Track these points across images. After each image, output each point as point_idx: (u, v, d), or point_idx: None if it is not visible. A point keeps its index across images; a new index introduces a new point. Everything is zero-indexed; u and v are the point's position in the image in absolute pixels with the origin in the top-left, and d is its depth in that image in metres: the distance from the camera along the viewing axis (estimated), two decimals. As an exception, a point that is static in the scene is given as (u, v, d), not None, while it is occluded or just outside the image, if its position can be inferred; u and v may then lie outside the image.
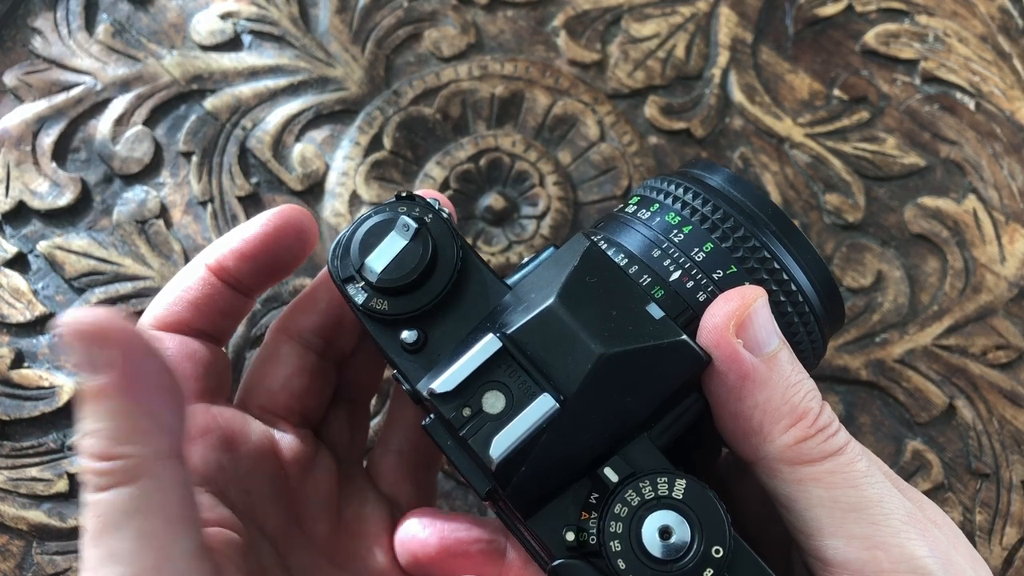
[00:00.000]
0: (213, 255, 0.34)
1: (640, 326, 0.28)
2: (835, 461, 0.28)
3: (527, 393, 0.27)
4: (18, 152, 0.51)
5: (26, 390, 0.47)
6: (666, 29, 0.54)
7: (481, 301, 0.30)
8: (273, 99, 0.52)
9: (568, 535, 0.27)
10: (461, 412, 0.28)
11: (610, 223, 0.33)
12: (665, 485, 0.27)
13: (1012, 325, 0.49)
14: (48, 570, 0.45)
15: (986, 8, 0.54)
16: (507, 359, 0.28)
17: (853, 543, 0.27)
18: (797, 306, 0.31)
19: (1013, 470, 0.47)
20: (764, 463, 0.29)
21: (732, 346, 0.28)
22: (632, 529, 0.27)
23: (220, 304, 0.34)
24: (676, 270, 0.31)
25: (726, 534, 0.26)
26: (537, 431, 0.27)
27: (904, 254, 0.50)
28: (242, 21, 0.53)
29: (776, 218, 0.32)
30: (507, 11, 0.54)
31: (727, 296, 0.29)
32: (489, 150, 0.51)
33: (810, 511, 0.28)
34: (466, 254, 0.31)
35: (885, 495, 0.28)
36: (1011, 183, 0.51)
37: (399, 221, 0.30)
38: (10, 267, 0.49)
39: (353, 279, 0.31)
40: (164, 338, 0.34)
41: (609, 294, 0.29)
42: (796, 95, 0.53)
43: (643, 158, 0.51)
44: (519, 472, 0.27)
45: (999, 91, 0.53)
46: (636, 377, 0.28)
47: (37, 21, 0.53)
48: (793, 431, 0.28)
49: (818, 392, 0.29)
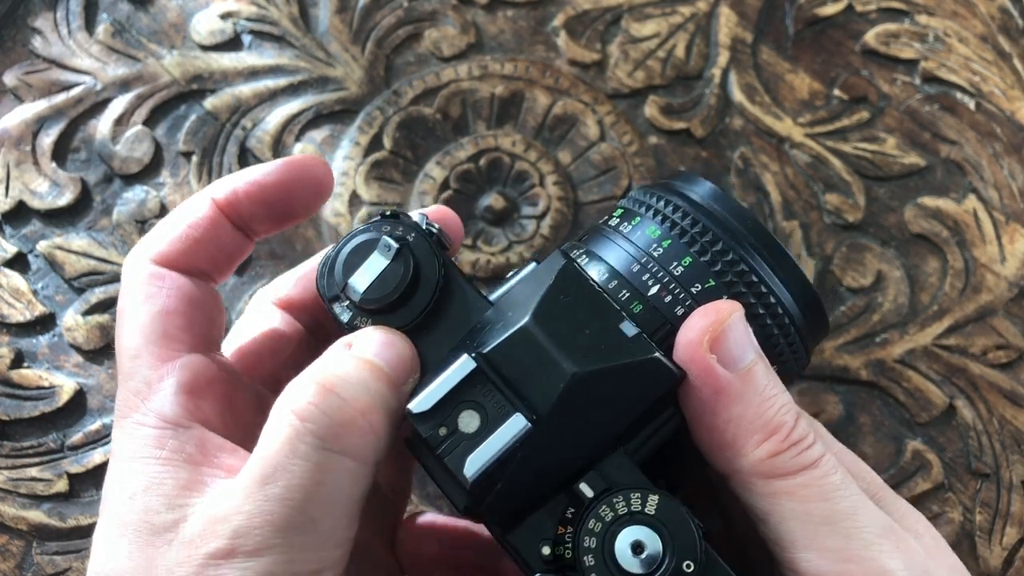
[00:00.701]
0: (223, 191, 0.32)
1: (613, 344, 0.29)
2: (808, 475, 0.28)
3: (501, 412, 0.28)
4: (18, 152, 0.51)
5: (26, 390, 0.47)
6: (666, 29, 0.54)
7: (463, 318, 0.31)
8: (273, 99, 0.52)
9: (544, 549, 0.28)
10: (438, 431, 0.28)
11: (593, 236, 0.34)
12: (638, 501, 0.27)
13: (1012, 325, 0.49)
14: (48, 570, 0.45)
15: (986, 8, 0.54)
16: (482, 379, 0.28)
17: (826, 556, 0.28)
18: (776, 318, 0.32)
19: (1013, 470, 0.47)
20: (738, 476, 0.29)
21: (706, 361, 0.28)
22: (605, 544, 0.27)
23: (224, 244, 0.33)
24: (655, 284, 0.31)
25: (697, 548, 0.27)
26: (511, 450, 0.28)
27: (904, 254, 0.50)
28: (242, 21, 0.53)
29: (755, 231, 0.32)
30: (507, 11, 0.54)
31: (703, 311, 0.29)
32: (489, 150, 0.51)
33: (783, 524, 0.28)
34: (448, 272, 0.31)
35: (860, 507, 0.28)
36: (1011, 183, 0.51)
37: (381, 241, 0.31)
38: (10, 267, 0.49)
39: (338, 298, 0.31)
40: (167, 277, 0.32)
41: (583, 312, 0.29)
42: (796, 95, 0.53)
43: (643, 158, 0.51)
44: (494, 489, 0.28)
45: (999, 91, 0.53)
46: (609, 395, 0.29)
47: (37, 21, 0.53)
48: (766, 445, 0.28)
49: (794, 406, 0.30)
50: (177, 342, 0.31)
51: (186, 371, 0.30)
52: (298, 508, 0.26)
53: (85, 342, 0.48)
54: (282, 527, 0.26)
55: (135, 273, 0.32)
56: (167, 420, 0.29)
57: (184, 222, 0.32)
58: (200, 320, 0.32)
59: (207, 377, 0.31)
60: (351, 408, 0.27)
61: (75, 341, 0.48)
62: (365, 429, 0.27)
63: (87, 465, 0.46)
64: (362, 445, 0.27)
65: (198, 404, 0.30)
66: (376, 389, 0.28)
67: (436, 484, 0.30)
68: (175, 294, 0.31)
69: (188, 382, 0.30)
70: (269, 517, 0.26)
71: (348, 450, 0.27)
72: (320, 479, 0.26)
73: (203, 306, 0.32)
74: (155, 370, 0.30)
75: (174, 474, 0.28)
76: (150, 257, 0.32)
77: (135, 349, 0.31)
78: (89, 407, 0.47)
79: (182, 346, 0.31)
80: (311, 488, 0.26)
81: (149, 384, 0.30)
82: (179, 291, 0.31)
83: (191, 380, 0.30)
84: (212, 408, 0.31)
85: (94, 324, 0.48)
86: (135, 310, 0.31)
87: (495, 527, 0.29)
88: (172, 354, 0.31)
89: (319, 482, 0.26)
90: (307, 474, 0.26)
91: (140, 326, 0.31)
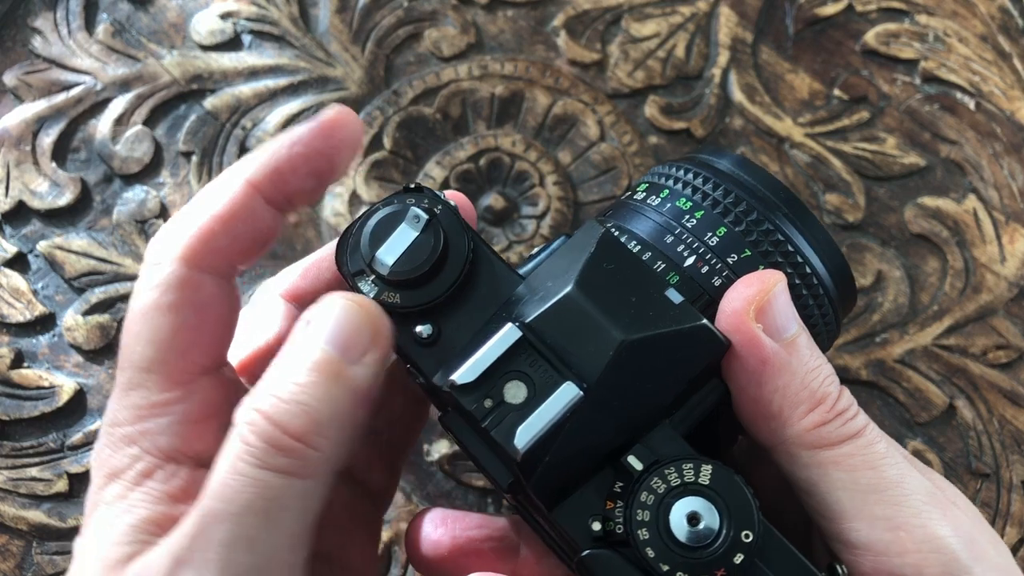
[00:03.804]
0: (261, 171, 0.29)
1: (660, 311, 0.28)
2: (854, 444, 0.28)
3: (549, 382, 0.27)
4: (18, 152, 0.51)
5: (26, 390, 0.47)
6: (666, 29, 0.54)
7: (494, 292, 0.30)
8: (273, 99, 0.52)
9: (594, 525, 0.27)
10: (482, 403, 0.27)
11: (619, 210, 0.33)
12: (691, 471, 0.27)
13: (1012, 325, 0.49)
14: (48, 570, 0.45)
15: (986, 8, 0.54)
16: (527, 348, 0.28)
17: (876, 525, 0.27)
18: (811, 288, 0.31)
19: (1013, 470, 0.47)
20: (783, 448, 0.29)
21: (752, 331, 0.28)
22: (659, 517, 0.26)
23: (259, 229, 0.29)
24: (690, 255, 0.30)
25: (754, 518, 0.26)
26: (561, 420, 0.27)
27: (904, 254, 0.50)
28: (242, 21, 0.53)
29: (788, 201, 0.31)
30: (507, 11, 0.54)
31: (747, 280, 0.29)
32: (489, 150, 0.51)
33: (831, 495, 0.28)
34: (477, 245, 0.30)
35: (906, 476, 0.28)
36: (1011, 183, 0.51)
37: (409, 212, 0.30)
38: (10, 267, 0.49)
39: (363, 273, 0.30)
40: (195, 284, 0.28)
41: (627, 280, 0.29)
42: (796, 95, 0.53)
43: (643, 158, 0.51)
44: (543, 462, 0.27)
45: (999, 91, 0.53)
46: (657, 363, 0.28)
47: (37, 21, 0.53)
48: (812, 415, 0.28)
49: (836, 376, 0.29)
50: (193, 363, 0.29)
51: (195, 400, 0.28)
52: (239, 532, 0.25)
53: (85, 342, 0.48)
54: (223, 553, 0.25)
55: (160, 272, 0.28)
56: (162, 451, 0.28)
57: (217, 211, 0.28)
58: (220, 332, 0.30)
59: (215, 404, 0.29)
60: (291, 433, 0.26)
61: (75, 341, 0.48)
62: (303, 452, 0.26)
63: (87, 465, 0.46)
64: (305, 466, 0.26)
65: (200, 434, 0.28)
66: (322, 400, 0.26)
67: (475, 461, 0.29)
68: (201, 306, 0.28)
69: (194, 412, 0.28)
70: (211, 543, 0.25)
71: (293, 470, 0.26)
72: (263, 503, 0.25)
73: (225, 314, 0.30)
74: (163, 392, 0.28)
75: (151, 508, 0.27)
76: (179, 256, 0.28)
77: (147, 361, 0.28)
78: (89, 407, 0.47)
79: (196, 368, 0.29)
80: (253, 510, 0.25)
81: (152, 407, 0.28)
82: (206, 301, 0.29)
83: (198, 410, 0.28)
84: (212, 436, 0.29)
85: (94, 324, 0.48)
86: (155, 316, 0.28)
87: (537, 505, 0.28)
88: (185, 376, 0.28)
89: (260, 508, 0.25)
90: (249, 497, 0.25)
91: (158, 337, 0.28)
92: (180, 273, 0.28)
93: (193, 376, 0.28)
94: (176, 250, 0.28)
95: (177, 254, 0.28)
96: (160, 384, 0.28)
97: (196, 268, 0.28)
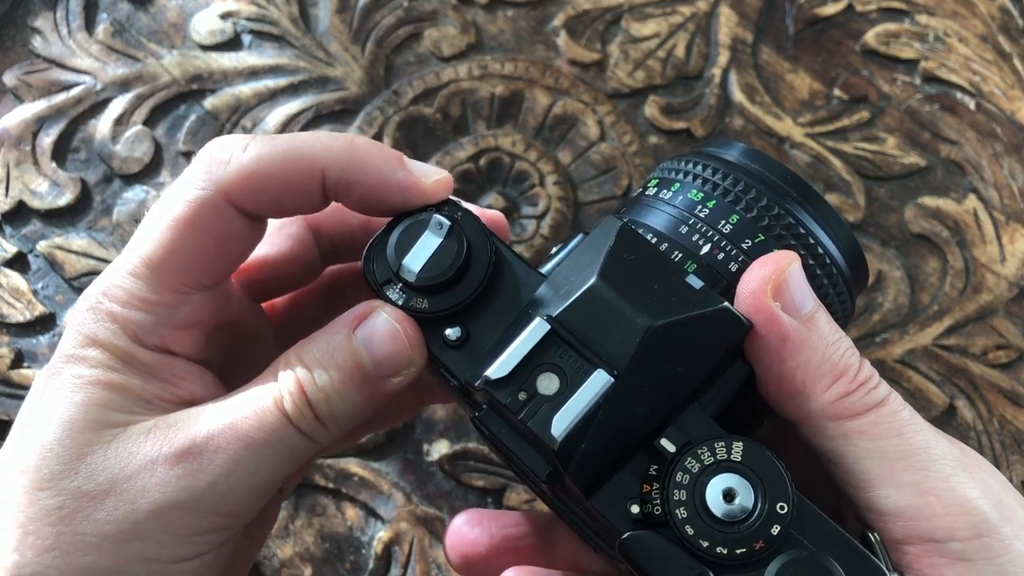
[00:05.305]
0: (334, 162, 0.30)
1: (682, 297, 0.29)
2: (879, 412, 0.29)
3: (580, 371, 0.28)
4: (18, 152, 0.51)
5: (26, 390, 0.47)
6: (666, 29, 0.54)
7: (518, 292, 0.31)
8: (273, 99, 0.52)
9: (633, 508, 0.28)
10: (517, 396, 0.28)
11: (633, 206, 0.34)
12: (723, 449, 0.27)
13: (1012, 325, 0.49)
14: (48, 570, 0.45)
15: (986, 8, 0.54)
16: (556, 341, 0.29)
17: (905, 490, 0.28)
18: (825, 268, 0.32)
19: (1013, 470, 0.47)
20: (809, 421, 0.29)
21: (770, 309, 0.29)
22: (696, 495, 0.27)
23: (307, 205, 0.31)
24: (705, 243, 0.31)
25: (788, 490, 0.27)
26: (595, 407, 0.28)
27: (904, 254, 0.50)
28: (242, 21, 0.53)
29: (796, 185, 0.32)
30: (507, 11, 0.54)
31: (762, 261, 0.30)
32: (489, 150, 0.51)
33: (859, 464, 0.29)
34: (498, 247, 0.31)
35: (932, 441, 0.29)
36: (1011, 183, 0.51)
37: (432, 220, 0.31)
38: (10, 267, 0.49)
39: (391, 281, 0.31)
40: (228, 219, 0.29)
41: (648, 269, 0.30)
42: (796, 95, 0.53)
43: (643, 158, 0.51)
44: (579, 450, 0.28)
45: (999, 91, 0.53)
46: (683, 346, 0.29)
47: (37, 21, 0.53)
48: (835, 387, 0.29)
49: (855, 349, 0.30)
50: (194, 280, 0.30)
51: (184, 310, 0.30)
52: (247, 457, 0.28)
53: (85, 342, 0.48)
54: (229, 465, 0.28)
55: (199, 193, 0.29)
56: (140, 340, 0.29)
57: (278, 164, 0.29)
58: (231, 261, 0.31)
59: (202, 315, 0.30)
60: (317, 414, 0.29)
61: (75, 341, 0.48)
62: (319, 430, 0.29)
63: (87, 465, 0.46)
64: (315, 434, 0.29)
65: (179, 338, 0.30)
66: (346, 400, 0.29)
67: (510, 457, 0.29)
68: (224, 237, 0.29)
69: (181, 319, 0.30)
70: (230, 449, 0.28)
71: (316, 436, 0.29)
72: (276, 445, 0.28)
73: (244, 249, 0.31)
74: (157, 293, 0.29)
75: (128, 379, 0.29)
76: (224, 187, 0.29)
77: (153, 259, 0.29)
78: (89, 407, 0.47)
79: (196, 284, 0.30)
80: (267, 444, 0.28)
81: (143, 301, 0.29)
82: (230, 234, 0.30)
83: (185, 318, 0.30)
84: (191, 341, 0.30)
85: (94, 324, 0.48)
86: (178, 226, 0.29)
87: (575, 493, 0.29)
88: (183, 288, 0.29)
89: (271, 444, 0.28)
90: (266, 436, 0.28)
91: (173, 246, 0.29)
92: (216, 204, 0.29)
93: (190, 289, 0.30)
94: (224, 180, 0.29)
95: (224, 185, 0.29)
96: (157, 285, 0.29)
97: (234, 204, 0.29)
